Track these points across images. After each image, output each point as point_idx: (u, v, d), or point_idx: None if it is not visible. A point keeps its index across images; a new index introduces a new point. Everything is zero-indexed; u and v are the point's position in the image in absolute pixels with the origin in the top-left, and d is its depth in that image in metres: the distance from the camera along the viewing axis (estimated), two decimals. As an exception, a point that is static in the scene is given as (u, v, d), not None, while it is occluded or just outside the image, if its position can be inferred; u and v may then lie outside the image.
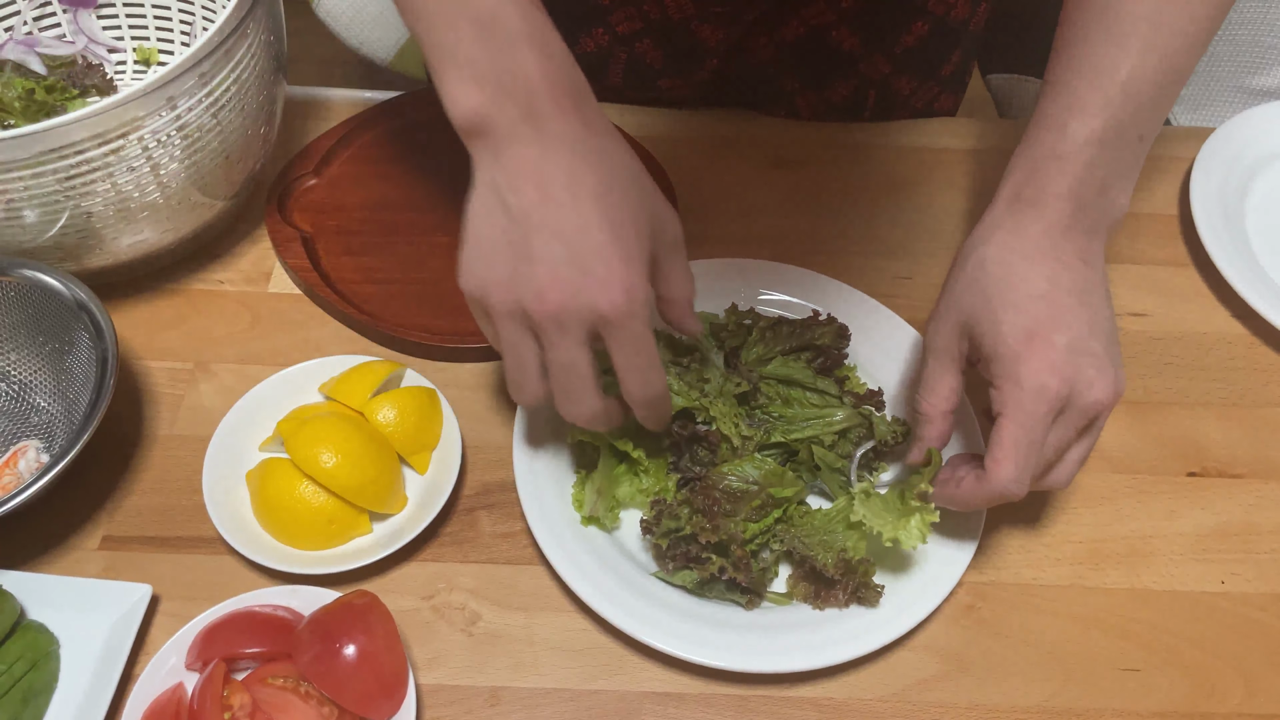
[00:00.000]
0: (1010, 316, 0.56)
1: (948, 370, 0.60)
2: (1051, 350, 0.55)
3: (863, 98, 0.89)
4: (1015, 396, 0.55)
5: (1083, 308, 0.56)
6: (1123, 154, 0.58)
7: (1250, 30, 1.03)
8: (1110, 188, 0.58)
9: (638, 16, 0.83)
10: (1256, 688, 0.61)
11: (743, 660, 0.58)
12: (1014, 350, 0.56)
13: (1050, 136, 0.58)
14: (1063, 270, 0.57)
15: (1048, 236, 0.58)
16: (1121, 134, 0.57)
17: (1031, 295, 0.56)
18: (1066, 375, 0.55)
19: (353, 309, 0.73)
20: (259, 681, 0.56)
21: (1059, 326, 0.56)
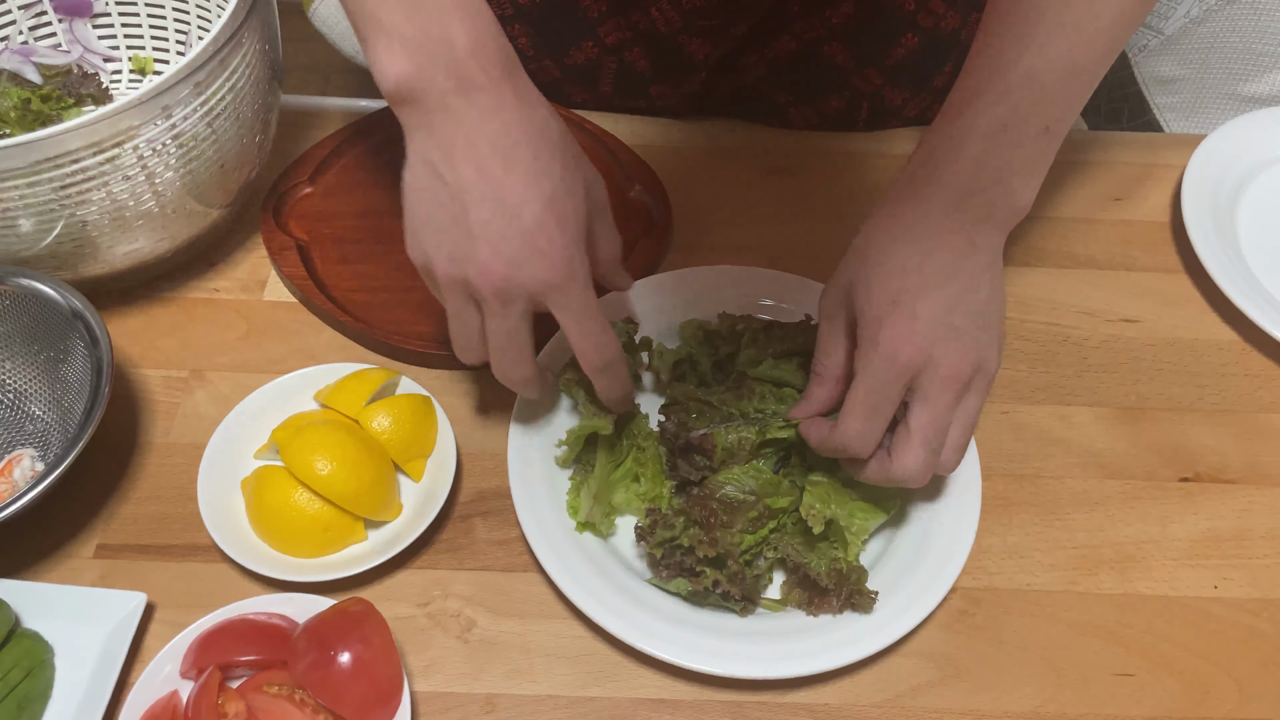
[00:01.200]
0: (879, 282, 0.57)
1: (838, 332, 0.60)
2: (911, 319, 0.55)
3: (855, 110, 0.90)
4: (869, 358, 0.56)
5: (951, 284, 0.56)
6: (1022, 145, 0.56)
7: (1241, 38, 1.03)
8: (1008, 178, 0.57)
9: (626, 27, 0.84)
10: (1249, 693, 0.61)
11: (737, 667, 0.58)
12: (876, 315, 0.56)
13: (946, 123, 0.58)
14: (939, 248, 0.57)
15: (930, 216, 0.57)
16: (1021, 125, 0.56)
17: (902, 266, 0.57)
18: (921, 345, 0.55)
19: (348, 317, 0.73)
20: (254, 689, 0.56)
21: (922, 297, 0.56)
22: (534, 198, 0.52)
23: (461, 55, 0.51)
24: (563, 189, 0.54)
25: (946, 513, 0.64)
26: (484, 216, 0.52)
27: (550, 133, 0.54)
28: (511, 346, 0.57)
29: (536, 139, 0.53)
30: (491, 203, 0.52)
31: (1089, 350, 0.76)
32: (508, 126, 0.52)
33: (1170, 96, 1.09)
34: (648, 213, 0.81)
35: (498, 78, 0.52)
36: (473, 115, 0.52)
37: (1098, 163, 0.88)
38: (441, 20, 0.51)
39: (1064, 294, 0.79)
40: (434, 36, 0.51)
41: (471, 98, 0.52)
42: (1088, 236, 0.83)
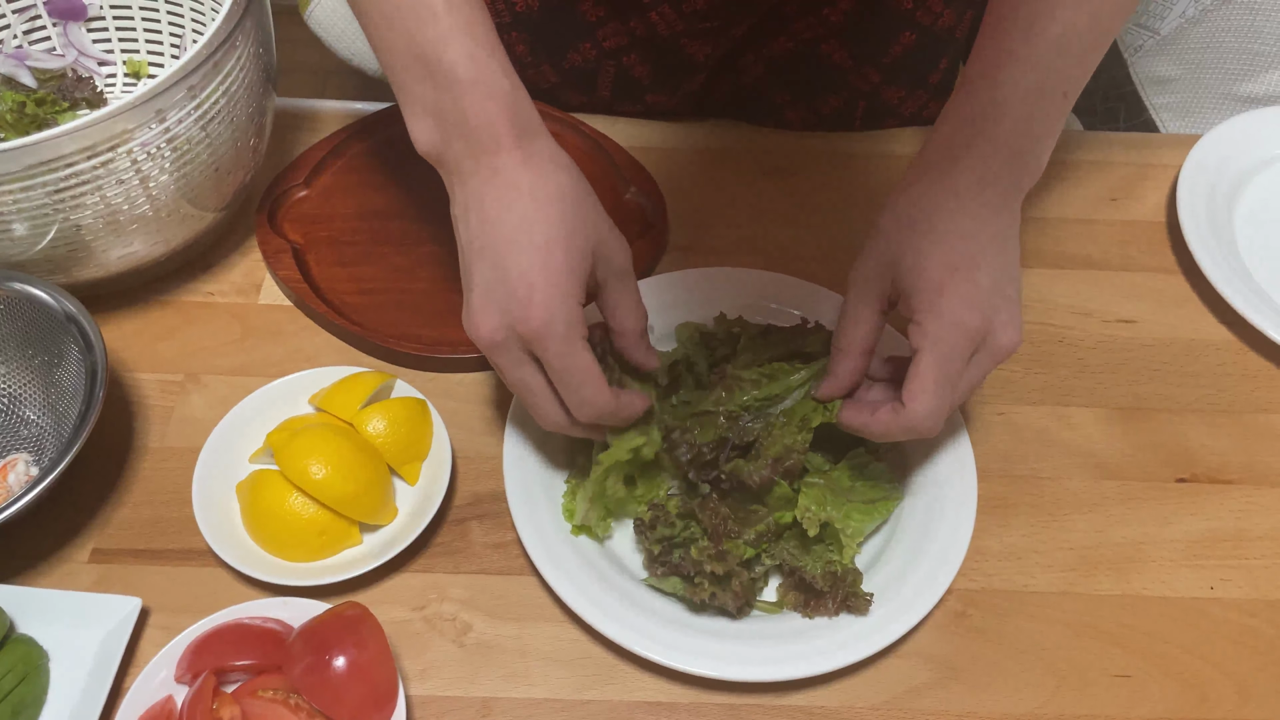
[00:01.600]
0: (935, 250, 0.56)
1: (869, 305, 0.59)
2: (974, 286, 0.55)
3: (852, 108, 0.90)
4: (935, 328, 0.55)
5: (1004, 254, 0.57)
6: (1051, 110, 0.58)
7: (1237, 38, 1.03)
8: (1038, 142, 0.58)
9: (624, 32, 0.84)
10: (1248, 694, 0.61)
11: (734, 669, 0.58)
12: (936, 283, 0.55)
13: (986, 87, 0.58)
14: (990, 214, 0.57)
15: (978, 181, 0.57)
16: (1052, 90, 0.57)
17: (958, 232, 0.56)
18: (986, 313, 0.55)
19: (343, 320, 0.73)
20: (249, 694, 0.56)
21: (982, 265, 0.56)
22: (523, 247, 0.54)
23: (474, 126, 0.54)
24: (558, 241, 0.54)
25: (943, 514, 0.64)
26: (481, 268, 0.55)
27: (557, 190, 0.55)
28: (525, 395, 0.57)
29: (540, 195, 0.54)
30: (489, 255, 0.54)
31: (1086, 351, 0.76)
32: (512, 186, 0.54)
33: (1166, 96, 1.09)
34: (644, 214, 0.81)
35: (509, 144, 0.54)
36: (482, 178, 0.55)
37: (1094, 163, 0.88)
38: (455, 95, 0.54)
39: (1060, 294, 0.79)
40: (451, 108, 0.54)
41: (482, 162, 0.55)
42: (1084, 237, 0.83)
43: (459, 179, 0.56)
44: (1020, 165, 0.58)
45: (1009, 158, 0.57)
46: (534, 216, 0.54)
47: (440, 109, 0.54)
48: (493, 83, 0.54)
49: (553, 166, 0.56)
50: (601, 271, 0.57)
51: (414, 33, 0.54)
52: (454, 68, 0.53)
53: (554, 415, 0.58)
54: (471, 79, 0.54)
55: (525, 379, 0.56)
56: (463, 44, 0.53)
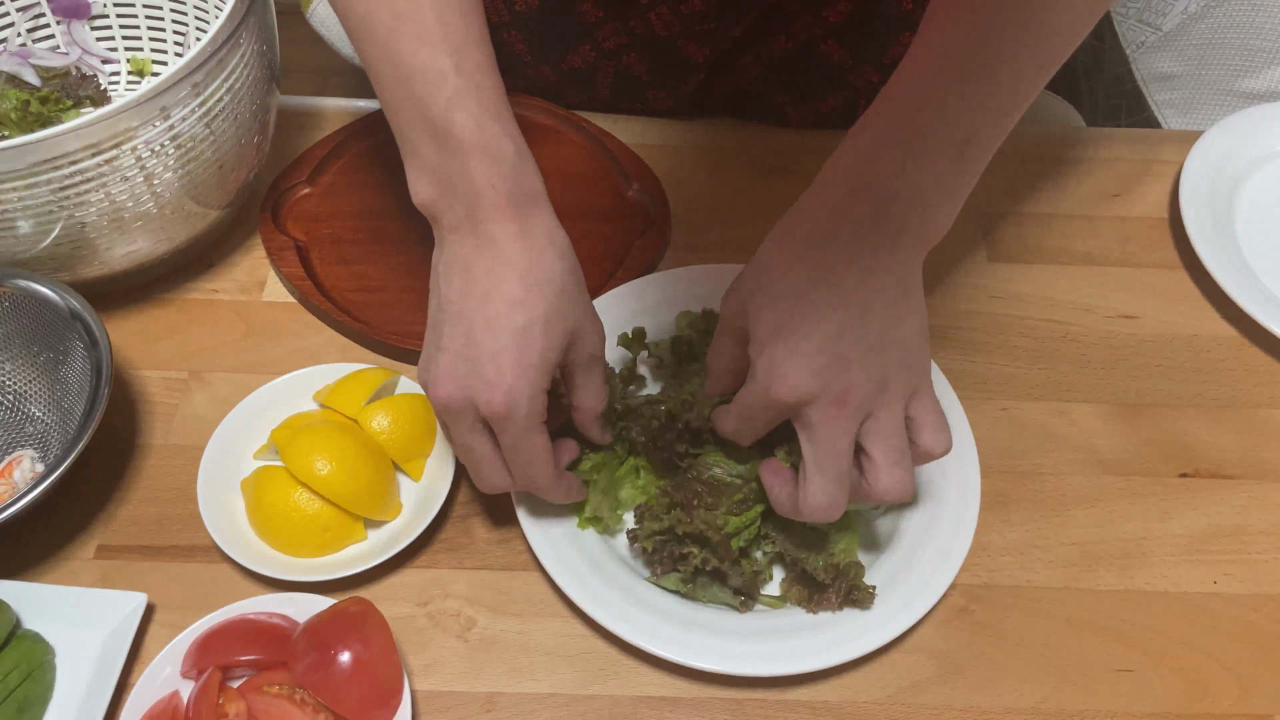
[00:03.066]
0: (768, 305, 0.55)
1: (729, 337, 0.59)
2: (792, 353, 0.53)
3: (852, 107, 0.89)
4: (747, 386, 0.56)
5: (839, 312, 0.53)
6: (934, 164, 0.52)
7: (1239, 34, 1.03)
8: (923, 195, 0.53)
9: (623, 32, 0.84)
10: (1250, 688, 0.61)
11: (737, 664, 0.58)
12: (760, 341, 0.55)
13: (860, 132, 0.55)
14: (834, 271, 0.53)
15: (832, 233, 0.54)
16: (939, 143, 0.52)
17: (793, 289, 0.54)
18: (798, 381, 0.53)
19: (347, 317, 0.73)
20: (254, 689, 0.56)
21: (805, 329, 0.53)
22: (502, 328, 0.54)
23: (476, 191, 0.54)
24: (537, 328, 0.54)
25: (946, 509, 0.64)
26: (453, 332, 0.55)
27: (546, 273, 0.55)
28: (469, 459, 0.58)
29: (529, 276, 0.54)
30: (464, 322, 0.54)
31: (1087, 347, 0.76)
32: (502, 258, 0.54)
33: (1168, 93, 1.09)
34: (645, 212, 0.82)
35: (508, 215, 0.54)
36: (475, 242, 0.55)
37: (1096, 159, 0.89)
38: (462, 160, 0.54)
39: (1062, 290, 0.79)
40: (453, 171, 0.54)
41: (478, 228, 0.54)
42: (1086, 233, 0.83)
43: (453, 238, 0.55)
44: (891, 218, 0.53)
45: (870, 211, 0.53)
46: (519, 299, 0.54)
47: (444, 171, 0.54)
48: (498, 150, 0.54)
49: (549, 248, 0.55)
50: (573, 355, 0.57)
51: (423, 95, 0.54)
52: (461, 133, 0.53)
53: (495, 480, 0.58)
54: (477, 145, 0.54)
55: (472, 445, 0.57)
56: (470, 109, 0.54)
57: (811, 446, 0.54)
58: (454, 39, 0.54)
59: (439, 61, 0.54)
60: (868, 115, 0.55)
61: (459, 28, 0.54)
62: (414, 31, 0.54)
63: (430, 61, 0.54)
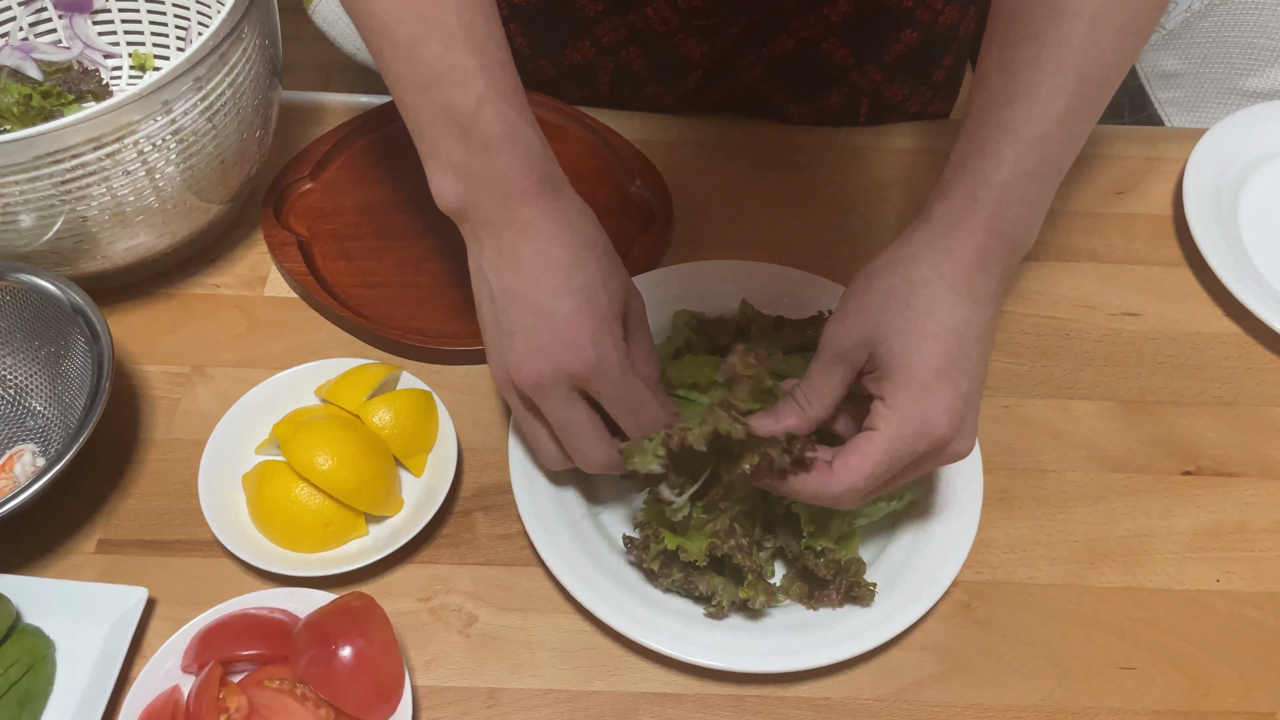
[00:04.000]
0: (926, 346, 0.53)
1: (837, 377, 0.56)
2: (955, 395, 0.53)
3: (855, 106, 0.89)
4: (901, 424, 0.52)
5: (982, 357, 0.54)
6: (1048, 191, 0.56)
7: (1243, 32, 1.03)
8: (1035, 224, 0.56)
9: (623, 26, 0.84)
10: (1252, 685, 0.61)
11: (739, 660, 0.58)
12: (921, 384, 0.52)
13: (987, 165, 0.55)
14: (978, 310, 0.54)
15: (975, 268, 0.54)
16: (1050, 171, 0.55)
17: (950, 329, 0.53)
18: (955, 423, 0.53)
19: (349, 312, 0.73)
20: (255, 684, 0.56)
21: (965, 372, 0.53)
22: (565, 295, 0.55)
23: (507, 181, 0.55)
24: (597, 283, 0.56)
25: (948, 506, 0.64)
26: (520, 315, 0.55)
27: (587, 240, 0.57)
28: (571, 436, 0.57)
29: (574, 246, 0.56)
30: (528, 303, 0.55)
31: (1091, 344, 0.76)
32: (545, 236, 0.56)
33: (1171, 91, 1.09)
34: (648, 208, 0.81)
35: (538, 197, 0.56)
36: (514, 229, 0.56)
37: (1099, 156, 0.88)
38: (489, 154, 0.55)
39: (1066, 287, 0.79)
40: (483, 168, 0.55)
41: (514, 215, 0.55)
42: (1090, 230, 0.83)
43: (489, 233, 0.56)
44: (1016, 249, 0.55)
45: (1007, 241, 0.55)
46: (573, 263, 0.55)
47: (471, 168, 0.55)
48: (525, 142, 0.55)
49: (581, 218, 0.57)
50: (625, 312, 0.58)
51: (447, 96, 0.54)
52: (489, 129, 0.54)
53: (598, 452, 0.57)
54: (505, 139, 0.55)
55: (571, 418, 0.56)
56: (497, 106, 0.54)
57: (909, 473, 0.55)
58: (477, 40, 0.55)
59: (465, 62, 0.54)
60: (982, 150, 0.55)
61: (481, 29, 0.55)
62: (439, 36, 0.54)
63: (457, 63, 0.54)
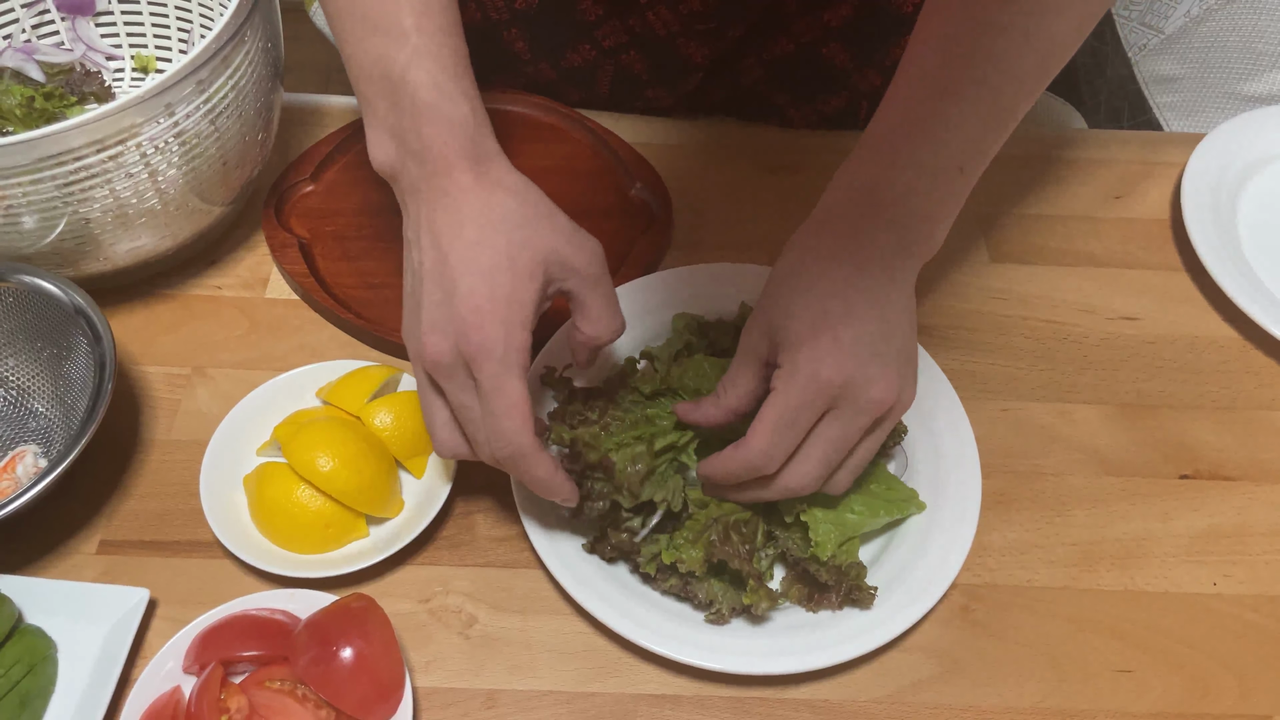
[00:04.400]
0: (801, 307, 0.56)
1: (748, 368, 0.58)
2: (835, 343, 0.55)
3: (855, 108, 0.90)
4: (788, 377, 0.55)
5: (875, 312, 0.56)
6: (945, 187, 0.57)
7: (1241, 37, 1.03)
8: (928, 218, 0.57)
9: (623, 30, 0.84)
10: (1250, 688, 0.61)
11: (738, 662, 0.58)
12: (798, 339, 0.55)
13: (881, 158, 0.58)
14: (864, 276, 0.56)
15: (856, 244, 0.57)
16: (947, 168, 0.57)
17: (827, 291, 0.56)
18: (845, 368, 0.54)
19: (350, 314, 0.74)
20: (256, 685, 0.56)
21: (847, 322, 0.55)
22: (468, 270, 0.53)
23: (430, 150, 0.54)
24: (501, 267, 0.53)
25: (947, 509, 0.64)
26: (431, 292, 0.54)
27: (500, 215, 0.54)
28: (469, 422, 0.55)
29: (488, 219, 0.54)
30: (436, 280, 0.54)
31: (1089, 348, 0.76)
32: (457, 209, 0.54)
33: (1170, 95, 1.09)
34: (648, 210, 0.82)
35: (463, 168, 0.54)
36: (433, 199, 0.55)
37: (1098, 161, 0.89)
38: (416, 119, 0.54)
39: (1064, 291, 0.80)
40: (410, 131, 0.54)
41: (434, 183, 0.55)
42: (1088, 234, 0.83)
43: (412, 198, 0.56)
44: (908, 239, 0.57)
45: (896, 231, 0.57)
46: (479, 241, 0.54)
47: (399, 129, 0.55)
48: (452, 110, 0.54)
49: (497, 189, 0.55)
50: (569, 283, 0.56)
51: (382, 52, 0.54)
52: (416, 91, 0.54)
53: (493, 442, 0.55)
54: (431, 104, 0.54)
55: (469, 404, 0.54)
56: (428, 69, 0.54)
57: (836, 429, 0.55)
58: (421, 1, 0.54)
59: (402, 20, 0.54)
60: (875, 128, 0.58)
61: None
62: None
63: (394, 19, 0.54)
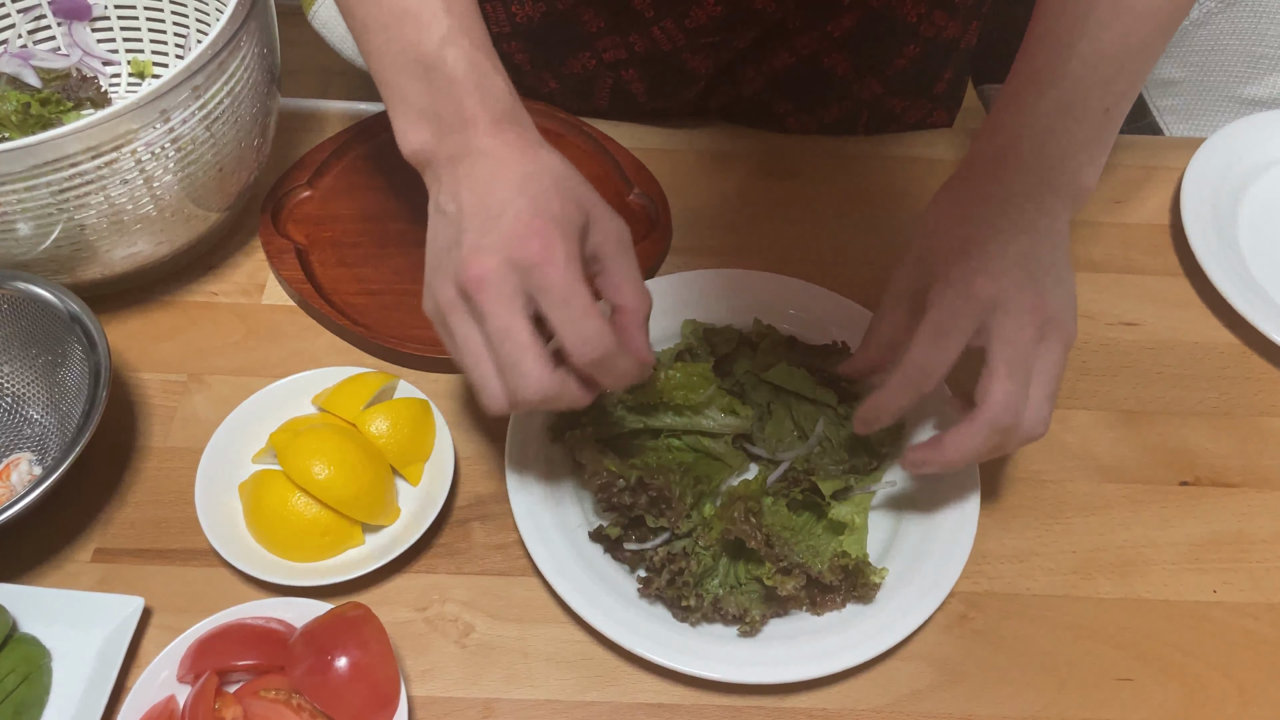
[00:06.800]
0: (950, 236, 0.58)
1: (898, 301, 0.61)
2: (985, 257, 0.56)
3: (855, 116, 0.89)
4: (941, 291, 0.57)
5: (1024, 236, 0.57)
6: (1083, 125, 0.59)
7: (1242, 40, 1.03)
8: (1070, 158, 0.59)
9: (622, 47, 0.84)
10: (1250, 697, 0.61)
11: (735, 671, 0.58)
12: (948, 259, 0.57)
13: (1012, 106, 0.60)
14: (1008, 207, 0.58)
15: (999, 186, 0.59)
16: (1082, 106, 0.58)
17: (974, 219, 0.58)
18: (995, 278, 0.56)
19: (346, 321, 0.73)
20: (251, 694, 0.56)
21: (995, 242, 0.57)
22: (517, 196, 0.52)
23: (472, 118, 0.54)
24: (551, 195, 0.53)
25: (946, 516, 0.64)
26: (471, 225, 0.53)
27: (545, 164, 0.55)
28: (510, 348, 0.51)
29: (530, 165, 0.54)
30: (479, 214, 0.53)
31: (1089, 354, 0.76)
32: (501, 159, 0.54)
33: (1170, 99, 1.09)
34: (647, 216, 0.81)
35: (504, 128, 0.55)
36: (474, 158, 0.54)
37: (1097, 165, 0.88)
38: (454, 92, 0.54)
39: (1064, 297, 0.79)
40: (448, 108, 0.55)
41: (475, 145, 0.54)
42: (1088, 239, 0.83)
43: (448, 168, 0.55)
44: (1049, 180, 0.59)
45: (1037, 174, 0.59)
46: (527, 175, 0.53)
47: (436, 109, 0.55)
48: (490, 84, 0.55)
49: (543, 149, 0.55)
50: (598, 242, 0.55)
51: (413, 37, 0.55)
52: (454, 69, 0.54)
53: (537, 375, 0.52)
54: (470, 79, 0.54)
55: (512, 325, 0.51)
56: (463, 46, 0.54)
57: (1002, 353, 0.55)
58: None
59: (430, 3, 0.54)
60: (1008, 85, 0.61)
61: None
62: None
63: (423, 5, 0.54)
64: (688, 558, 0.60)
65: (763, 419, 0.67)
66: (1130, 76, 0.59)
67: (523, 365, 0.51)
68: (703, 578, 0.61)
